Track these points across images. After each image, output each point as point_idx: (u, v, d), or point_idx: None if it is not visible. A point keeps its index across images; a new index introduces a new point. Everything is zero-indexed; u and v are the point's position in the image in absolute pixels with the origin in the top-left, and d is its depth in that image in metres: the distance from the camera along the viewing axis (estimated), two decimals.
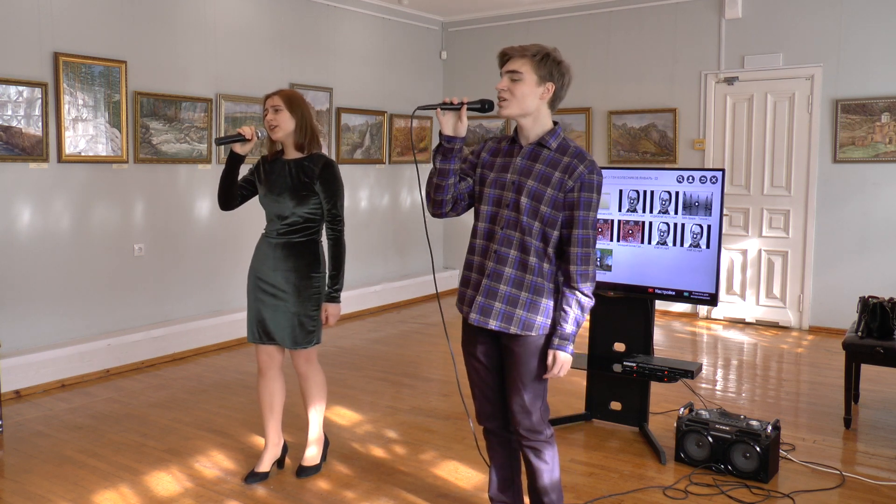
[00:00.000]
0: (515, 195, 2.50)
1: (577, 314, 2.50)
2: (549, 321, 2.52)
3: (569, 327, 2.49)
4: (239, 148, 3.27)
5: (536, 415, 2.58)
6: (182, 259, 5.91)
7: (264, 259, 3.35)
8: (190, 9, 5.84)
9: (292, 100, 3.28)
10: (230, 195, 3.36)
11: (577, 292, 2.49)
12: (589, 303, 2.52)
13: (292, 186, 3.26)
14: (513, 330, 2.51)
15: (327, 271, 3.36)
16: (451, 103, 2.44)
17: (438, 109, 2.45)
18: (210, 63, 6.01)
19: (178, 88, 5.76)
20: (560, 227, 2.49)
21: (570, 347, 2.51)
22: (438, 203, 2.59)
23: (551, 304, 2.52)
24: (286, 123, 3.26)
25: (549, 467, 2.63)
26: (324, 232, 3.39)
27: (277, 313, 3.32)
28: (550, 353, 2.50)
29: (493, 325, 2.53)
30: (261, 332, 3.38)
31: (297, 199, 3.26)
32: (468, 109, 2.47)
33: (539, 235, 2.48)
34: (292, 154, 3.34)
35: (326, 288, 3.35)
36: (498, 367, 2.65)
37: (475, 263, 2.60)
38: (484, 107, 2.51)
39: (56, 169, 5.06)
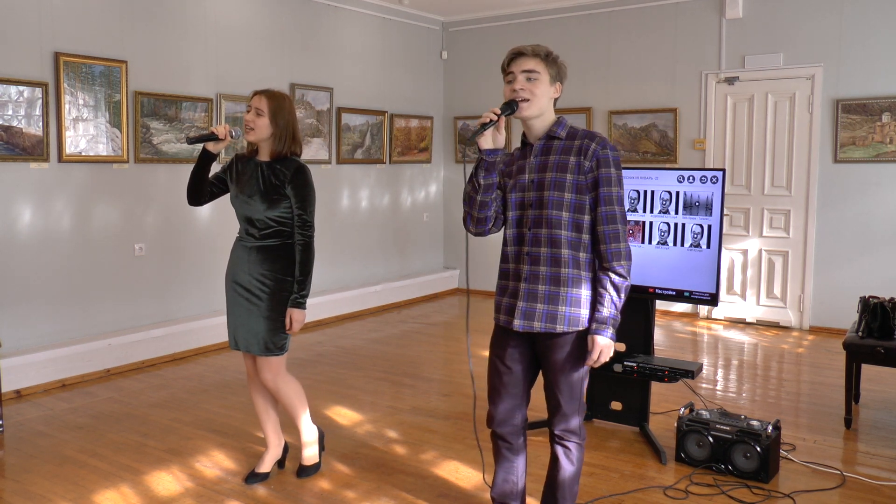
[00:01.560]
0: (537, 192, 2.48)
1: (613, 295, 2.43)
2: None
3: (605, 310, 2.43)
4: (212, 146, 3.24)
5: (574, 413, 2.55)
6: (182, 259, 5.91)
7: (239, 263, 3.31)
8: (190, 9, 5.84)
9: (277, 109, 3.22)
10: (200, 192, 3.34)
11: (609, 272, 2.44)
12: (623, 283, 2.44)
13: (263, 189, 3.22)
14: (559, 329, 2.46)
15: (296, 276, 3.27)
16: (493, 121, 2.39)
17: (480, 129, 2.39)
18: (210, 63, 6.01)
19: (179, 88, 5.76)
20: (589, 211, 2.45)
21: (610, 332, 2.43)
22: (483, 220, 2.54)
23: (592, 294, 2.48)
24: (262, 130, 3.22)
25: (575, 468, 2.61)
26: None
27: (251, 318, 3.28)
28: (589, 338, 2.45)
29: (537, 327, 2.47)
30: (238, 339, 3.35)
31: (269, 203, 3.21)
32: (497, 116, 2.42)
33: (569, 225, 2.45)
34: (266, 156, 3.30)
35: (293, 293, 3.27)
36: (526, 371, 2.61)
37: (510, 271, 2.57)
38: (513, 109, 2.46)
39: (56, 169, 5.06)
